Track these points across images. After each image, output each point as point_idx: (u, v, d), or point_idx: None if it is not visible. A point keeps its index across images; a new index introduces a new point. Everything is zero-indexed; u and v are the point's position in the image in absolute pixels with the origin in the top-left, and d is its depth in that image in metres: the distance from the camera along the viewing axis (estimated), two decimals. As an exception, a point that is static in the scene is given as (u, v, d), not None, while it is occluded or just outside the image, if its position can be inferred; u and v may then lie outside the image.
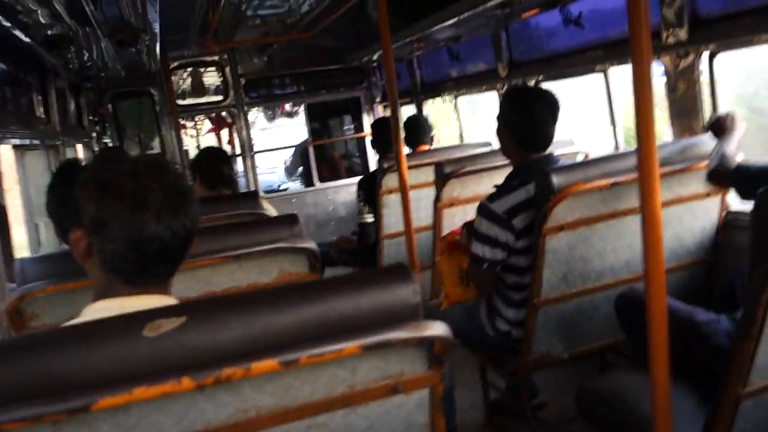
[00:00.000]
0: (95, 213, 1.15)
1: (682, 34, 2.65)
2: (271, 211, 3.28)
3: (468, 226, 2.74)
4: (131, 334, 0.92)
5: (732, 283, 2.37)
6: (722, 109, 2.73)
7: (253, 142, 6.46)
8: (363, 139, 6.79)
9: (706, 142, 2.51)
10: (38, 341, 0.94)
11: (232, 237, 1.78)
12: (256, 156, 6.54)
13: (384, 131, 4.13)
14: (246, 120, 6.38)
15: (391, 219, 3.94)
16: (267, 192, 7.04)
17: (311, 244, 1.80)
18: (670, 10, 2.66)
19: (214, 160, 3.31)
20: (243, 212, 2.49)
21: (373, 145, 4.49)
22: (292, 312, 0.96)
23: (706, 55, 2.66)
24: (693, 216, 2.55)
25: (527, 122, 2.45)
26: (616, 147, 3.48)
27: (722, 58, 2.68)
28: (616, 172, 2.31)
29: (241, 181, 6.57)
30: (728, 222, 2.62)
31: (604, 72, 3.29)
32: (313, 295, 0.98)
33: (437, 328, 1.00)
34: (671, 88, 2.80)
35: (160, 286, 1.23)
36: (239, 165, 6.29)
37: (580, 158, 3.24)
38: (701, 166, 2.38)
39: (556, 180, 2.23)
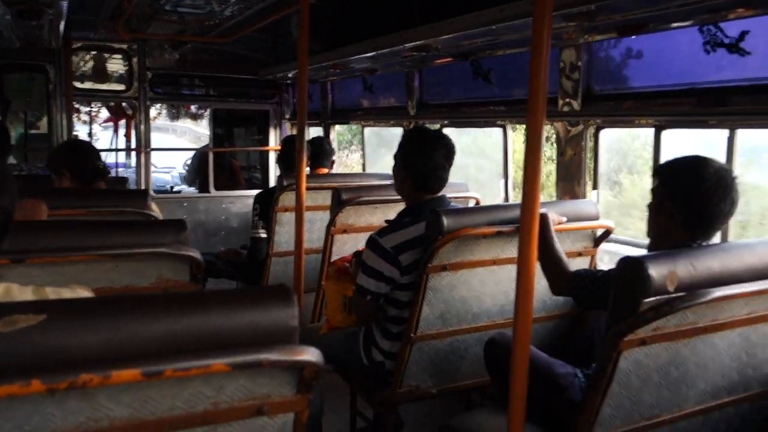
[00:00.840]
0: None
1: (576, 105, 2.89)
2: (156, 212, 3.15)
3: (358, 255, 2.78)
4: (-19, 327, 0.85)
5: (591, 337, 2.56)
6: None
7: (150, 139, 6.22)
8: (266, 153, 6.71)
9: (587, 204, 2.72)
10: None
11: (112, 235, 1.69)
12: (153, 154, 6.28)
13: (293, 149, 4.12)
14: (147, 114, 6.13)
15: (284, 237, 3.92)
16: (158, 192, 6.75)
17: (195, 253, 1.75)
18: (568, 82, 2.89)
19: (86, 153, 3.11)
20: (129, 210, 2.38)
21: (278, 160, 4.46)
22: (163, 321, 0.93)
23: (593, 127, 2.91)
24: (566, 272, 2.73)
25: (424, 164, 2.54)
26: (506, 198, 3.69)
27: (607, 132, 2.93)
28: (502, 221, 2.44)
29: (132, 176, 6.27)
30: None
31: (503, 127, 3.49)
32: (186, 307, 0.96)
33: (309, 354, 1.01)
34: (560, 153, 3.02)
35: None
36: (132, 160, 6.02)
37: (471, 203, 3.40)
38: (578, 226, 2.57)
39: (446, 221, 2.32)
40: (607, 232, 2.71)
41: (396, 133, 4.87)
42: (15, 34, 4.43)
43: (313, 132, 6.07)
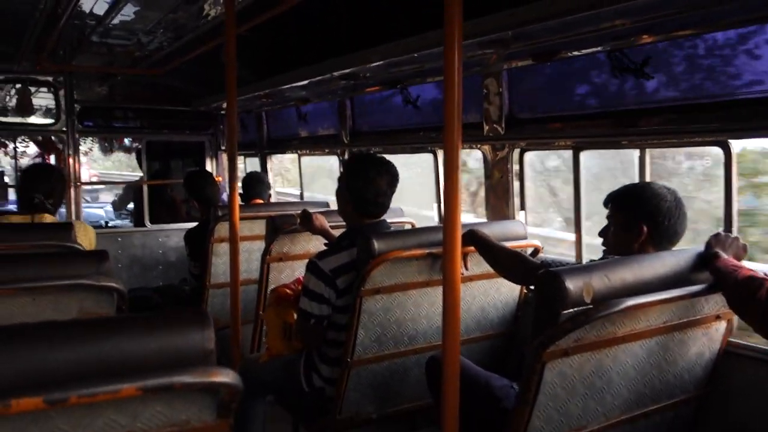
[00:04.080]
0: None
1: (499, 129, 2.99)
2: (87, 233, 3.08)
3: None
4: None
5: (525, 353, 2.62)
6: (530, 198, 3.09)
7: (81, 173, 6.05)
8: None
9: (515, 225, 2.81)
10: None
11: (27, 267, 1.64)
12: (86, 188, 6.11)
13: (204, 185, 4.18)
14: (76, 148, 5.95)
15: (221, 268, 3.87)
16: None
17: (118, 284, 1.71)
18: (491, 107, 3.00)
19: (31, 179, 3.04)
20: (51, 243, 2.31)
21: (192, 195, 4.35)
22: (70, 348, 0.91)
23: (518, 150, 3.02)
24: (498, 291, 2.80)
25: (367, 189, 2.57)
26: (440, 221, 3.76)
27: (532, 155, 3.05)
28: (433, 243, 2.48)
29: (62, 212, 6.05)
30: (527, 299, 2.91)
31: (434, 152, 3.58)
32: (95, 333, 0.94)
33: (225, 375, 1.00)
34: (488, 176, 3.11)
35: None
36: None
37: (407, 228, 3.44)
38: (507, 245, 2.64)
39: (377, 245, 2.35)
40: (536, 251, 2.79)
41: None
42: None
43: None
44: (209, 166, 6.54)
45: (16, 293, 1.59)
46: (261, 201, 4.37)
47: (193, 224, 4.64)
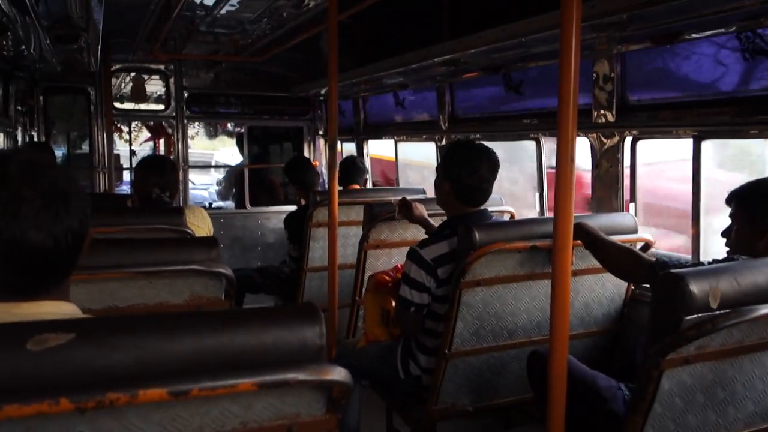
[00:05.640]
0: None
1: (610, 116, 2.81)
2: (205, 220, 3.19)
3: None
4: (13, 346, 0.86)
5: (633, 354, 2.49)
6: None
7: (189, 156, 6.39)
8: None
9: (624, 217, 2.66)
10: None
11: (146, 252, 1.72)
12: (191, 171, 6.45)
13: (304, 171, 4.25)
14: (185, 132, 6.27)
15: (317, 252, 3.95)
16: (196, 208, 6.87)
17: (227, 270, 1.76)
18: (601, 93, 2.82)
19: (145, 175, 3.09)
20: (164, 227, 2.42)
21: (292, 180, 4.49)
22: (190, 340, 0.93)
23: (629, 139, 2.83)
24: (603, 287, 2.67)
25: (470, 177, 2.51)
26: (541, 212, 3.62)
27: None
28: (536, 236, 2.39)
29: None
30: (635, 296, 2.75)
31: (537, 140, 3.44)
32: (214, 325, 0.96)
33: (337, 373, 1.00)
34: (595, 165, 2.95)
35: (51, 292, 1.12)
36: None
37: (506, 217, 3.35)
38: (616, 240, 2.50)
39: (479, 236, 2.28)
40: (647, 246, 2.63)
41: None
42: (56, 59, 4.59)
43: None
44: (306, 150, 6.68)
45: (136, 277, 1.68)
46: (357, 186, 4.40)
47: (291, 207, 4.74)
